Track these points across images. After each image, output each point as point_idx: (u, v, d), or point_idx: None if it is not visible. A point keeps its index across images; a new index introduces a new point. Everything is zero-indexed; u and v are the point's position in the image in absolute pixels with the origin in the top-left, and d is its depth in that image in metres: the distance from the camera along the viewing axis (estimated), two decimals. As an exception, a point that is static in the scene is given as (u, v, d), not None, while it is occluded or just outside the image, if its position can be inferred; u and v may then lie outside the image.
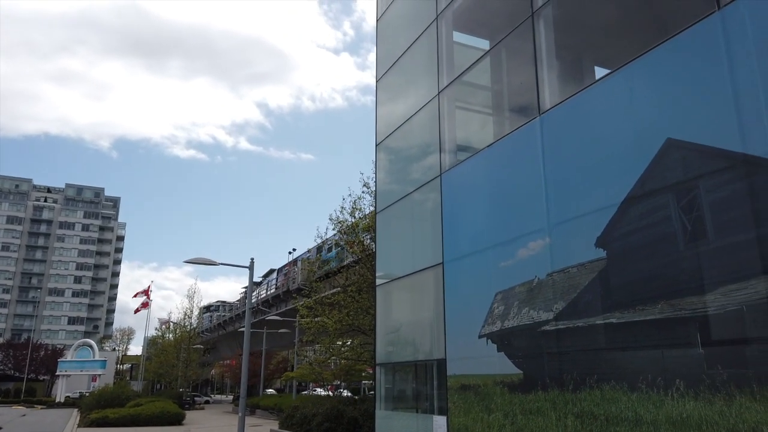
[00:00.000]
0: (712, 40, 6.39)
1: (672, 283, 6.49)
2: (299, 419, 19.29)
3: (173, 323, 61.69)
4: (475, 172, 11.03)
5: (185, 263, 17.89)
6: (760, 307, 5.56)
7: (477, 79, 12.56)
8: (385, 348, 13.86)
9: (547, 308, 8.35)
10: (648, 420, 6.52)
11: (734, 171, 5.99)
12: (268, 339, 48.50)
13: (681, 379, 6.23)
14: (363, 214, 23.37)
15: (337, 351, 25.19)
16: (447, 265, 11.21)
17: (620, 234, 7.29)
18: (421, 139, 13.49)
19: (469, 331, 10.15)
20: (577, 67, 11.40)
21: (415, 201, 13.24)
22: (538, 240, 8.77)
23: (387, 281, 14.16)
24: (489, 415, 9.29)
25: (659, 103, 7.19)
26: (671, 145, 6.70)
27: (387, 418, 13.22)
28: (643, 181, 7.00)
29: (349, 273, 23.42)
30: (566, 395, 7.76)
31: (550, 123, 8.97)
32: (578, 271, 7.87)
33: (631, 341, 6.95)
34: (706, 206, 6.24)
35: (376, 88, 15.90)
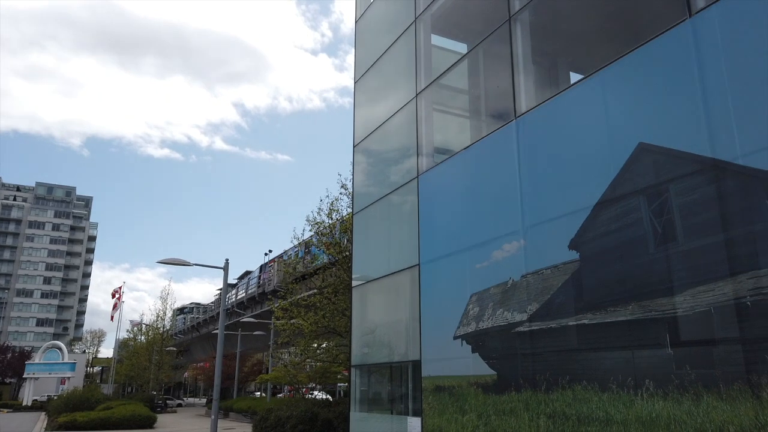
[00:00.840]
0: (684, 47, 6.53)
1: (643, 285, 6.60)
2: (273, 422, 19.12)
3: (145, 325, 60.71)
4: (451, 174, 11.08)
5: (158, 264, 17.64)
6: (727, 308, 5.69)
7: (455, 82, 12.64)
8: (360, 350, 13.83)
9: (521, 309, 8.42)
10: (618, 420, 6.62)
11: (703, 175, 6.12)
12: (243, 341, 48.01)
13: (650, 379, 6.34)
14: (340, 215, 23.31)
15: (312, 353, 25.05)
16: (423, 267, 11.24)
17: (593, 236, 7.39)
18: (398, 141, 13.52)
19: (445, 333, 10.18)
20: (553, 72, 11.55)
21: (392, 202, 13.25)
22: (513, 242, 8.85)
23: (363, 283, 14.13)
24: (463, 416, 9.33)
25: (632, 107, 7.33)
26: (643, 149, 6.83)
27: (362, 420, 13.18)
28: (616, 185, 7.12)
29: (326, 275, 23.32)
30: (539, 396, 7.83)
31: (525, 126, 9.06)
32: (552, 273, 7.96)
33: (603, 342, 7.05)
34: (676, 209, 6.37)
35: (354, 89, 15.89)
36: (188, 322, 74.71)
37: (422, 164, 12.03)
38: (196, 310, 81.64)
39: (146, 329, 60.68)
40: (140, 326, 63.63)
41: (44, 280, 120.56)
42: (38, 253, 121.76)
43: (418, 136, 12.34)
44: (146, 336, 60.50)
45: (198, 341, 70.38)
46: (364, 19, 16.08)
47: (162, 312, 57.72)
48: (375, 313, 13.89)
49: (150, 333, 58.98)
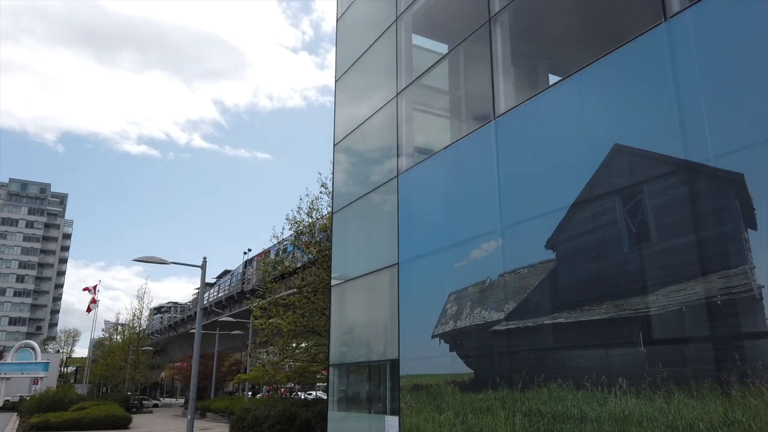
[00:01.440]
0: (659, 50, 6.64)
1: (617, 284, 6.70)
2: (251, 422, 18.96)
3: (121, 325, 59.84)
4: (431, 173, 11.12)
5: (134, 262, 17.38)
6: (698, 307, 5.80)
7: (435, 82, 12.69)
8: (339, 349, 13.80)
9: (499, 308, 8.48)
10: (592, 417, 6.71)
11: (676, 176, 6.23)
12: (221, 341, 47.61)
13: (624, 377, 6.43)
14: (320, 214, 23.23)
15: (291, 353, 24.92)
16: (402, 266, 11.26)
17: (569, 236, 7.48)
18: (378, 140, 13.52)
19: (423, 332, 10.21)
20: (532, 73, 11.66)
21: (372, 201, 13.25)
22: (491, 241, 8.91)
23: (342, 281, 14.11)
24: (440, 414, 9.36)
25: (608, 109, 7.43)
26: (618, 150, 6.93)
27: (340, 419, 13.16)
28: (592, 185, 7.21)
29: (305, 274, 23.23)
30: (515, 394, 7.89)
31: (504, 127, 9.13)
32: (529, 272, 8.03)
33: (578, 340, 7.14)
34: (650, 210, 6.47)
35: (334, 88, 15.85)
36: (165, 322, 73.80)
37: (402, 163, 12.05)
38: (173, 309, 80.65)
39: (122, 328, 59.80)
40: (116, 327, 62.68)
41: (17, 278, 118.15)
42: (11, 251, 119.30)
43: (398, 135, 12.35)
44: (122, 335, 59.63)
45: (175, 341, 69.57)
46: (346, 17, 16.05)
47: (138, 311, 56.97)
48: (354, 312, 13.88)
49: (126, 332, 58.14)
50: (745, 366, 5.37)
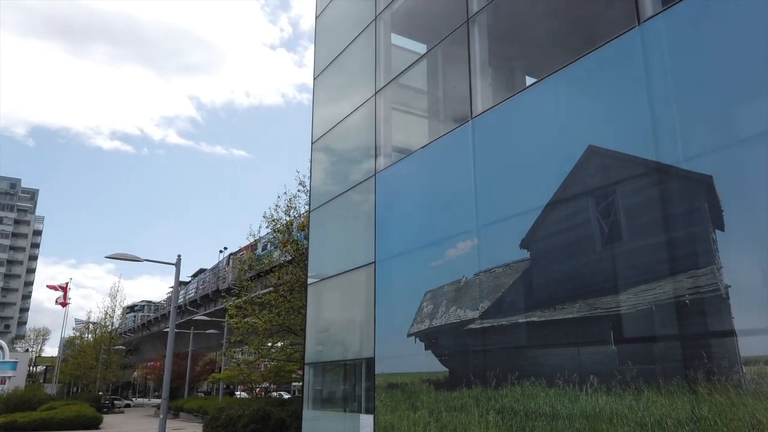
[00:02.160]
0: (632, 54, 6.76)
1: (589, 284, 6.80)
2: (224, 421, 18.79)
3: (93, 324, 58.76)
4: (408, 172, 11.15)
5: (107, 259, 17.07)
6: (667, 306, 5.91)
7: (414, 82, 12.72)
8: (314, 347, 13.75)
9: (474, 307, 8.54)
10: (564, 414, 6.79)
11: (648, 178, 6.35)
12: (196, 340, 47.06)
13: (595, 375, 6.53)
14: (298, 213, 23.12)
15: (266, 352, 24.75)
16: (379, 265, 11.27)
17: (543, 236, 7.57)
18: (356, 138, 13.51)
19: (399, 330, 10.23)
20: (509, 75, 11.77)
21: (349, 200, 13.24)
22: (467, 240, 8.97)
23: (319, 280, 14.07)
24: (415, 412, 9.39)
25: (583, 111, 7.54)
26: (592, 152, 7.03)
27: (315, 418, 13.11)
28: (566, 186, 7.30)
29: (282, 272, 23.10)
30: (489, 392, 7.96)
31: (481, 127, 9.20)
32: (503, 271, 8.11)
33: (551, 339, 7.23)
34: (622, 211, 6.58)
35: (313, 85, 15.79)
36: (138, 321, 72.69)
37: (380, 162, 12.06)
38: (147, 308, 79.40)
39: (94, 327, 58.72)
40: (87, 325, 61.52)
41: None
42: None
43: (376, 134, 12.36)
44: (93, 334, 58.56)
45: (148, 340, 68.59)
46: (325, 15, 16.00)
47: (111, 309, 56.02)
48: (330, 310, 13.84)
49: (97, 331, 57.11)
50: (711, 364, 5.49)
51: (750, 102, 5.63)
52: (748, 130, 5.56)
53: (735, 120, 5.72)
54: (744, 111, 5.67)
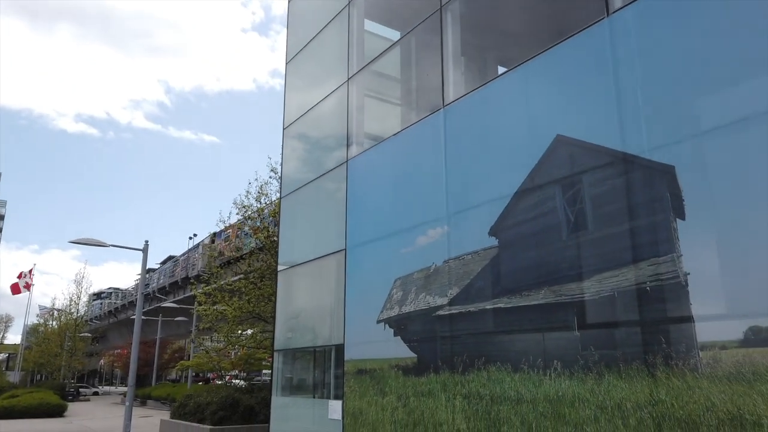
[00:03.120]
0: (600, 45, 6.85)
1: (555, 271, 6.92)
2: (192, 408, 18.63)
3: (57, 310, 57.49)
4: (380, 160, 11.15)
5: (71, 245, 16.64)
6: (629, 293, 6.07)
7: (387, 69, 12.68)
8: (284, 334, 13.72)
9: (442, 294, 8.63)
10: (528, 399, 6.94)
11: (613, 168, 6.47)
12: (164, 327, 46.51)
13: (558, 360, 6.68)
14: (270, 200, 22.93)
15: (236, 339, 24.60)
16: (350, 252, 11.27)
17: (511, 224, 7.67)
18: (329, 124, 13.43)
19: (368, 317, 10.28)
20: (482, 64, 11.82)
21: (320, 187, 13.18)
22: (437, 228, 9.03)
23: (289, 267, 14.01)
24: (383, 398, 9.47)
25: (552, 101, 7.63)
26: (560, 141, 7.13)
27: (284, 405, 13.11)
28: (534, 175, 7.40)
29: (252, 260, 22.93)
30: (456, 377, 8.07)
31: (452, 115, 9.24)
32: (472, 259, 8.20)
33: (517, 325, 7.36)
34: (588, 199, 6.71)
35: (285, 70, 15.62)
36: (105, 308, 71.41)
37: (352, 149, 12.02)
38: (114, 295, 77.99)
39: (58, 314, 57.47)
40: (51, 312, 60.16)
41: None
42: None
43: (348, 121, 12.31)
44: (58, 321, 57.33)
45: (115, 327, 67.50)
46: (298, -1, 15.79)
47: (76, 296, 54.87)
48: (300, 297, 13.82)
49: (62, 318, 55.92)
50: (670, 349, 5.66)
51: (712, 95, 5.78)
52: (709, 122, 5.70)
53: (697, 112, 5.86)
54: (706, 103, 5.81)
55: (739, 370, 5.12)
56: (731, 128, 5.48)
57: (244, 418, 17.61)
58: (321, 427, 11.18)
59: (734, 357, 5.18)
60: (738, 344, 5.19)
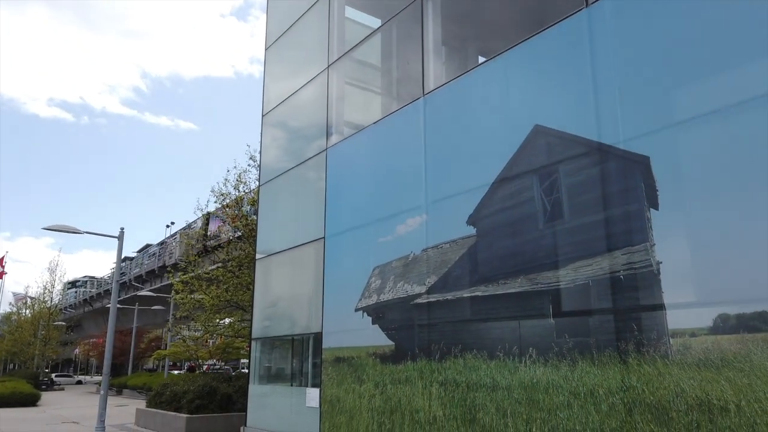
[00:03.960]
0: (579, 35, 6.89)
1: (531, 259, 6.99)
2: (169, 397, 18.51)
3: (31, 298, 56.48)
4: (360, 148, 11.11)
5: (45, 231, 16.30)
6: (603, 281, 6.16)
7: (367, 57, 12.61)
8: (262, 323, 13.68)
9: (421, 282, 8.66)
10: (503, 385, 7.02)
11: (589, 158, 6.54)
12: (141, 316, 46.02)
13: (533, 347, 6.77)
14: (248, 188, 22.75)
15: (213, 328, 24.47)
16: (328, 240, 11.25)
17: (489, 213, 7.72)
18: (308, 112, 13.33)
19: (347, 305, 10.28)
20: (462, 54, 11.82)
21: (300, 175, 13.10)
22: (416, 217, 9.05)
23: (267, 255, 13.94)
24: (361, 385, 9.51)
25: (530, 91, 7.67)
26: (538, 131, 7.18)
27: (261, 393, 13.09)
28: (512, 164, 7.45)
29: (231, 248, 22.77)
30: (433, 364, 8.13)
31: (432, 104, 9.23)
32: (450, 247, 8.24)
33: (493, 313, 7.43)
34: (564, 189, 6.78)
35: (264, 57, 15.44)
36: (80, 296, 70.37)
37: (331, 137, 11.96)
38: (89, 283, 76.80)
39: (32, 302, 56.45)
40: (25, 300, 59.07)
41: None
42: None
43: (328, 108, 12.23)
44: (32, 309, 56.33)
45: (91, 316, 66.63)
46: (278, -16, 15.59)
47: (50, 284, 53.93)
48: (278, 285, 13.76)
49: (36, 306, 54.95)
50: (642, 336, 5.77)
51: (687, 86, 5.86)
52: (684, 114, 5.78)
53: (672, 103, 5.94)
54: (681, 95, 5.89)
55: (707, 357, 5.24)
56: (705, 119, 5.57)
57: (221, 406, 17.56)
58: (298, 415, 11.20)
59: (703, 344, 5.30)
60: (707, 331, 5.31)
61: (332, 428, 10.01)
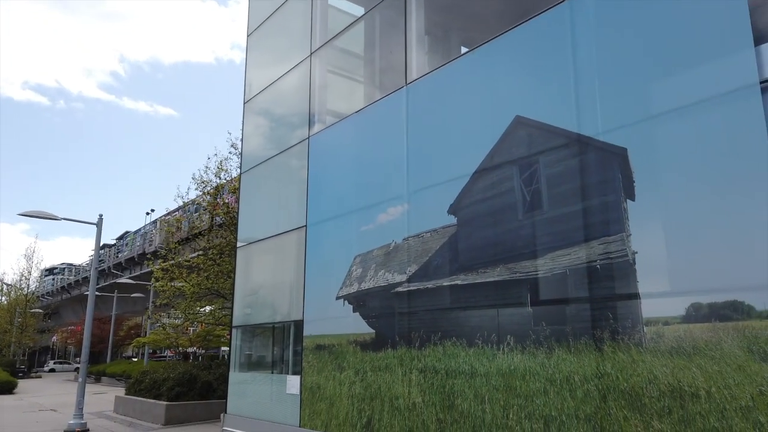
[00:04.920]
0: (561, 27, 6.94)
1: (510, 249, 7.08)
2: (148, 384, 18.45)
3: (7, 285, 55.63)
4: (342, 137, 11.09)
5: (20, 217, 16.06)
6: (580, 270, 6.27)
7: (350, 45, 12.56)
8: (242, 310, 13.66)
9: (401, 271, 8.72)
10: (482, 372, 7.13)
11: (569, 149, 6.62)
12: (120, 304, 45.58)
13: (511, 335, 6.87)
14: (230, 175, 22.62)
15: (194, 316, 24.38)
16: (310, 228, 11.25)
17: (470, 202, 7.78)
18: (290, 100, 13.26)
19: (328, 293, 10.32)
20: (445, 43, 11.83)
21: (281, 163, 13.05)
22: (398, 206, 9.09)
23: (249, 243, 13.89)
24: (341, 372, 9.57)
25: (512, 81, 7.71)
26: (519, 122, 7.24)
27: (242, 381, 13.10)
28: (493, 154, 7.51)
29: (212, 236, 22.65)
30: (413, 352, 8.22)
31: (415, 93, 9.24)
32: (431, 236, 8.30)
33: (472, 301, 7.51)
34: (544, 180, 6.86)
35: (246, 43, 15.28)
36: (58, 283, 69.46)
37: (314, 126, 11.92)
38: (67, 270, 75.77)
39: (8, 290, 55.62)
40: (0, 287, 58.17)
41: None
42: None
43: (310, 96, 12.17)
44: (8, 297, 55.52)
45: (69, 303, 65.85)
46: (261, -30, 15.40)
47: (26, 271, 53.15)
48: (259, 273, 13.74)
49: (12, 294, 54.16)
50: (617, 324, 5.89)
51: (664, 79, 5.95)
52: (661, 106, 5.88)
53: (650, 96, 6.03)
54: (659, 88, 5.98)
55: (680, 345, 5.38)
56: (681, 112, 5.67)
57: (201, 394, 17.57)
58: (278, 402, 11.24)
59: (676, 332, 5.43)
60: (680, 320, 5.44)
61: (312, 415, 10.07)
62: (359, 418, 8.99)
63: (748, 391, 4.87)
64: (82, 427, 15.54)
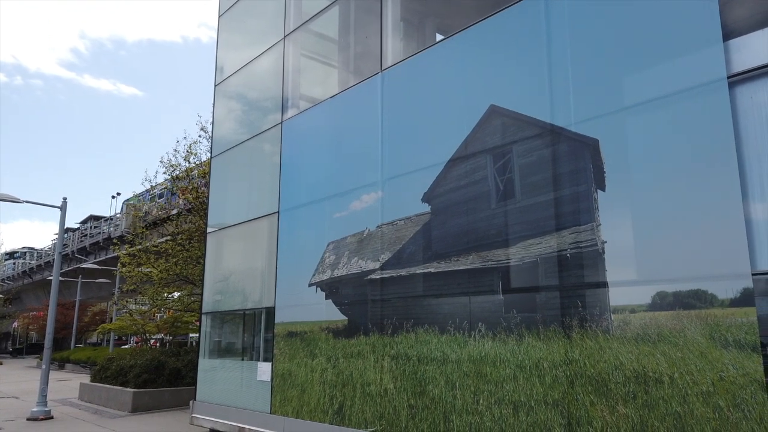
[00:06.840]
0: (536, 17, 6.99)
1: (483, 237, 7.16)
2: (115, 371, 18.17)
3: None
4: (316, 122, 11.00)
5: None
6: (551, 259, 6.38)
7: (325, 29, 12.40)
8: (213, 297, 13.51)
9: (375, 258, 8.74)
10: (453, 359, 7.22)
11: (542, 139, 6.70)
12: (85, 289, 44.62)
13: (483, 322, 6.97)
14: (199, 159, 22.23)
15: (162, 302, 24.02)
16: (282, 215, 11.16)
17: (444, 191, 7.82)
18: (263, 83, 13.06)
19: (300, 280, 10.28)
20: (420, 30, 11.77)
21: (254, 147, 12.88)
22: (372, 193, 9.08)
23: (219, 229, 13.72)
24: (313, 359, 9.58)
25: (487, 71, 7.74)
26: (493, 111, 7.29)
27: (211, 368, 13.00)
28: (467, 143, 7.55)
29: (180, 221, 22.28)
30: (385, 339, 8.26)
31: (390, 80, 9.21)
32: (405, 224, 8.32)
33: (445, 289, 7.58)
34: (517, 169, 6.93)
35: (218, 23, 14.97)
36: (19, 268, 67.54)
37: (287, 110, 11.78)
38: (29, 254, 73.71)
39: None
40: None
41: None
42: None
43: (284, 80, 12.01)
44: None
45: (30, 288, 64.18)
46: (234, -51, 15.05)
47: (-14, 255, 51.48)
48: (230, 259, 13.59)
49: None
50: (585, 312, 6.03)
51: (636, 72, 6.05)
52: (633, 98, 5.98)
53: (622, 87, 6.13)
54: (630, 80, 6.08)
55: (645, 332, 5.53)
56: (652, 105, 5.78)
57: (169, 381, 17.38)
58: (249, 389, 11.20)
59: (642, 320, 5.58)
60: (646, 308, 5.60)
61: (283, 401, 10.07)
62: (331, 404, 9.02)
63: (709, 377, 5.05)
64: (45, 414, 15.23)
